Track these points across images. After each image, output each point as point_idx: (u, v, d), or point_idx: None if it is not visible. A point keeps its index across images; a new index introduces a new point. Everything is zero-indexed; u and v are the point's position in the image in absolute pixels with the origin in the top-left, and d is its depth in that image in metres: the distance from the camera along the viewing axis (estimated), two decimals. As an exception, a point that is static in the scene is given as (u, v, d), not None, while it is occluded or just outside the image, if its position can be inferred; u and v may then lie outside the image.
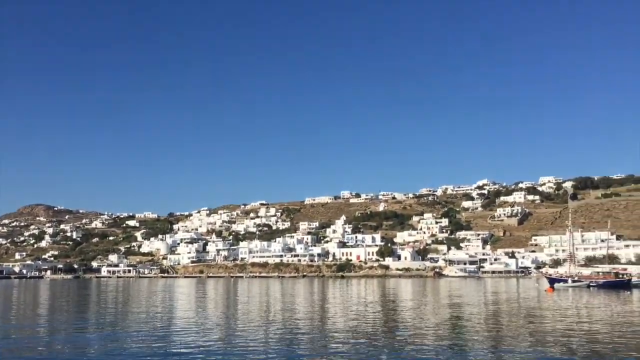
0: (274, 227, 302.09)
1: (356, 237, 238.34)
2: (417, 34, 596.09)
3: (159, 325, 31.83)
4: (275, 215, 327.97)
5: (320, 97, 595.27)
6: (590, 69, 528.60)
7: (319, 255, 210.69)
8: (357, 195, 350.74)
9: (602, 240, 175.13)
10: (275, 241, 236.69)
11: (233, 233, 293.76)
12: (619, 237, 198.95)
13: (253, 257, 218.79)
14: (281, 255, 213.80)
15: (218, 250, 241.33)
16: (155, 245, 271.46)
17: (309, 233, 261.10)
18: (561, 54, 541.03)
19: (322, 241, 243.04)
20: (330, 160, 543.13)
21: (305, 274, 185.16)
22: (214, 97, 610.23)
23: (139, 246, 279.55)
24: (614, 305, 48.34)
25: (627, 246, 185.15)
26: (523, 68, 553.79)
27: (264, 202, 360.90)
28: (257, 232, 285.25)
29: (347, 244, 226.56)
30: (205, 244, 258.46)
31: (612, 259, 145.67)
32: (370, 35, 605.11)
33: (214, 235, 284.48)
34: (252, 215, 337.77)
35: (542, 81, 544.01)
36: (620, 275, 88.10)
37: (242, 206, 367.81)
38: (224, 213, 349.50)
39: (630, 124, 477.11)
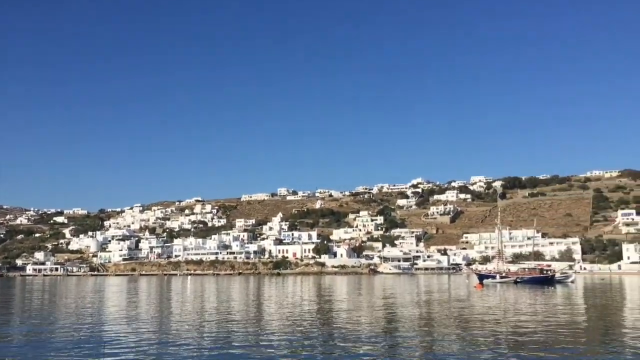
0: (210, 224, 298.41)
1: (293, 234, 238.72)
2: (326, 34, 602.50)
3: (88, 325, 30.73)
4: (211, 212, 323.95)
5: (254, 93, 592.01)
6: (519, 70, 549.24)
7: (255, 252, 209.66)
8: (294, 193, 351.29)
9: (529, 238, 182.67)
10: (210, 238, 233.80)
11: (167, 230, 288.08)
12: (544, 235, 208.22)
13: (188, 254, 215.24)
14: (217, 253, 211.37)
15: (151, 248, 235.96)
16: (85, 242, 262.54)
17: (245, 230, 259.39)
18: (504, 54, 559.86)
19: (259, 238, 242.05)
20: (268, 157, 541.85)
21: (241, 271, 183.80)
22: (144, 91, 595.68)
23: (68, 243, 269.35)
24: (538, 300, 50.42)
25: (551, 243, 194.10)
26: (457, 68, 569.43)
27: (199, 198, 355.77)
28: (192, 229, 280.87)
29: (284, 242, 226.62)
30: (138, 241, 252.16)
31: (538, 255, 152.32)
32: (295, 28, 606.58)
33: (147, 233, 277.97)
34: (187, 212, 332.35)
35: (473, 82, 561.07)
36: (545, 272, 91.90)
37: (177, 203, 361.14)
38: (158, 210, 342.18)
39: (555, 126, 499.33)
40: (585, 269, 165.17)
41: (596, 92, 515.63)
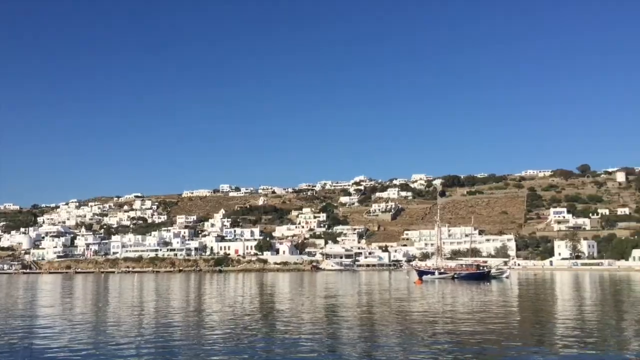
0: (150, 221, 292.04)
1: (235, 231, 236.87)
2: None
3: (18, 324, 29.46)
4: (151, 209, 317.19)
5: (196, 87, 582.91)
6: (457, 71, 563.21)
7: (196, 249, 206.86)
8: (237, 189, 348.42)
9: (467, 235, 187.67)
10: (150, 235, 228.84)
11: (105, 226, 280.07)
12: (481, 232, 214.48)
13: (126, 251, 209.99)
14: (157, 250, 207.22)
15: (88, 245, 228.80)
16: (17, 239, 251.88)
17: (186, 227, 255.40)
18: (445, 53, 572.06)
19: (200, 235, 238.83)
20: (210, 153, 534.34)
21: (181, 268, 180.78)
22: (81, 80, 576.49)
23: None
24: (474, 295, 51.88)
25: (487, 240, 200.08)
26: (399, 68, 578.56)
27: (139, 194, 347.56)
28: (132, 226, 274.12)
29: (226, 238, 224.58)
30: (74, 238, 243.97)
31: (475, 252, 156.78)
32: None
33: (83, 229, 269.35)
34: (126, 208, 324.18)
35: (412, 82, 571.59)
36: (481, 268, 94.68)
37: (116, 199, 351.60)
38: (95, 205, 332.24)
39: (492, 126, 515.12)
40: (519, 264, 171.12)
41: (530, 94, 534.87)
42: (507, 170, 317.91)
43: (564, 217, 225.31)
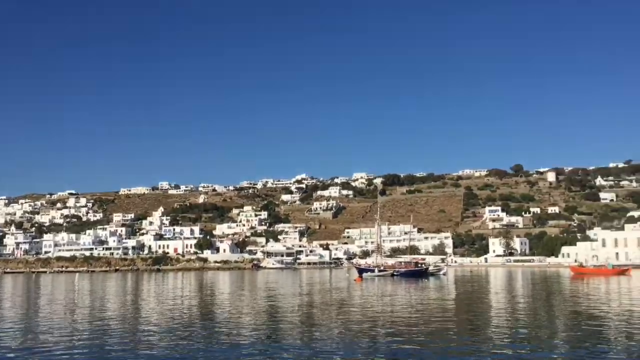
0: (85, 219, 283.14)
1: (174, 229, 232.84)
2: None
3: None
4: (86, 206, 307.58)
5: (139, 80, 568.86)
6: (397, 71, 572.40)
7: (134, 248, 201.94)
8: (176, 187, 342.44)
9: (406, 233, 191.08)
10: (85, 234, 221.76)
11: (36, 225, 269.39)
12: (419, 230, 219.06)
13: (59, 250, 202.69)
14: (92, 249, 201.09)
15: (17, 244, 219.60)
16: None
17: (123, 225, 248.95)
18: (380, 54, 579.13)
19: (138, 234, 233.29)
20: (148, 149, 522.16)
21: (118, 267, 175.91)
22: (16, 71, 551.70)
23: None
24: (412, 292, 52.86)
25: (426, 238, 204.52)
26: (340, 67, 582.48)
27: (73, 191, 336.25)
28: (65, 224, 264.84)
29: (165, 237, 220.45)
30: (3, 237, 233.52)
31: (414, 250, 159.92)
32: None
33: (13, 227, 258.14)
34: (59, 205, 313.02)
35: (355, 80, 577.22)
36: (420, 265, 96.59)
37: (48, 196, 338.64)
38: (26, 203, 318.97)
39: (431, 125, 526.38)
40: (456, 262, 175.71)
41: (466, 96, 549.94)
42: (445, 170, 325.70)
43: (498, 215, 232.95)
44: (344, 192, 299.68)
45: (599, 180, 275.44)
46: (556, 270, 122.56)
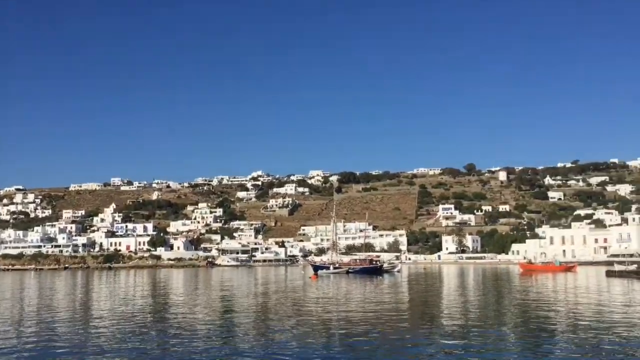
0: (33, 215, 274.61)
1: (127, 226, 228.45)
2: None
3: None
4: (34, 202, 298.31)
5: (87, 79, 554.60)
6: (358, 69, 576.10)
7: (84, 245, 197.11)
8: (129, 183, 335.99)
9: (361, 230, 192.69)
10: (33, 230, 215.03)
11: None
12: (375, 228, 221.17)
13: (5, 248, 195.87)
14: (40, 246, 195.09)
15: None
16: None
17: (73, 222, 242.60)
18: (334, 50, 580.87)
19: (89, 231, 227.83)
20: (100, 145, 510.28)
21: (67, 265, 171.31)
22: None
23: None
24: (366, 288, 53.32)
25: (381, 235, 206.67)
26: (299, 63, 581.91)
27: (20, 187, 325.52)
28: (12, 221, 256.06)
29: (117, 234, 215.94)
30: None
31: (369, 247, 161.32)
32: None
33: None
34: (5, 201, 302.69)
35: (312, 76, 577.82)
36: (374, 262, 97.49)
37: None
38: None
39: (386, 124, 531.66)
40: (410, 259, 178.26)
41: (422, 97, 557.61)
42: (400, 168, 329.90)
43: (451, 213, 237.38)
44: (300, 189, 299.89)
45: (548, 180, 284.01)
46: (506, 267, 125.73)
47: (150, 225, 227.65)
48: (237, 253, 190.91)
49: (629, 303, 36.92)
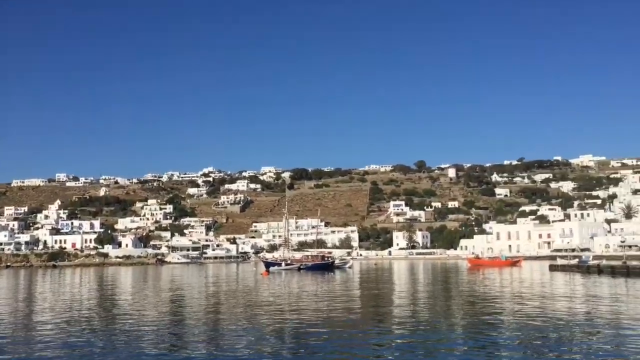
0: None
1: (72, 223, 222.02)
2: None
3: None
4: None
5: (30, 71, 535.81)
6: (306, 68, 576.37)
7: (27, 243, 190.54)
8: (75, 179, 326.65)
9: (313, 227, 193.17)
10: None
11: None
12: (327, 224, 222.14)
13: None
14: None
15: None
16: None
17: (16, 219, 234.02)
18: (288, 50, 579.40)
19: (32, 228, 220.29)
20: (45, 139, 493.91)
21: (9, 264, 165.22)
22: None
23: None
24: (318, 285, 53.50)
25: (333, 232, 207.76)
26: (250, 59, 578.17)
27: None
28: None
29: (62, 231, 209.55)
30: None
31: (321, 243, 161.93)
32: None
33: None
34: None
35: (262, 73, 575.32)
36: (326, 258, 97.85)
37: None
38: None
39: (338, 122, 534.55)
40: (361, 255, 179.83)
41: (373, 95, 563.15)
42: (352, 165, 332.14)
43: (402, 209, 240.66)
44: (252, 185, 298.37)
45: (495, 177, 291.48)
46: (455, 262, 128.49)
47: (97, 223, 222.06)
48: (188, 250, 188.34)
49: (570, 295, 38.31)
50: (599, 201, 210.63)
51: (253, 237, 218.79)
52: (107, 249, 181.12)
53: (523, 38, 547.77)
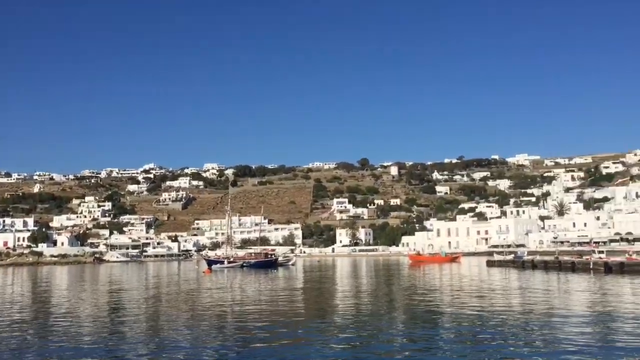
0: None
1: (4, 221, 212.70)
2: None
3: None
4: None
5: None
6: (251, 64, 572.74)
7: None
8: (7, 175, 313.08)
9: (257, 224, 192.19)
10: None
11: None
12: (270, 221, 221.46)
13: None
14: None
15: None
16: None
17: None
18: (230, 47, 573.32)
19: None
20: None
21: None
22: None
23: None
24: (261, 282, 53.27)
25: (276, 229, 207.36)
26: (202, 52, 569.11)
27: None
28: None
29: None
30: None
31: (264, 241, 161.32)
32: None
33: None
34: None
35: (212, 68, 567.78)
36: (269, 256, 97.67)
37: None
38: None
39: (282, 119, 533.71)
40: (304, 252, 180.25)
41: (319, 93, 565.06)
42: (296, 162, 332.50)
43: (345, 207, 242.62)
44: (195, 182, 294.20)
45: (436, 175, 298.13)
46: (397, 259, 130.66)
47: (30, 220, 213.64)
48: (127, 248, 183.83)
49: (505, 289, 39.61)
50: (533, 199, 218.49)
51: (195, 235, 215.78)
52: (42, 247, 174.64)
53: (457, 37, 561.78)
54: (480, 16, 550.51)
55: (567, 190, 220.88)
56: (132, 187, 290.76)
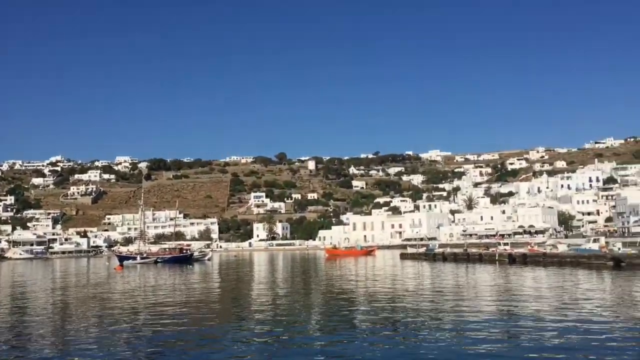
0: None
1: None
2: None
3: None
4: None
5: None
6: (170, 59, 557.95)
7: None
8: None
9: (171, 219, 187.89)
10: None
11: None
12: (186, 216, 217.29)
13: None
14: None
15: None
16: None
17: None
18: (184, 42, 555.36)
19: None
20: None
21: None
22: None
23: None
24: (175, 278, 52.14)
25: (192, 224, 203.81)
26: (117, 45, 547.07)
27: None
28: None
29: None
30: None
31: (179, 236, 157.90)
32: None
33: None
34: None
35: (124, 63, 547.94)
36: (184, 251, 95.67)
37: None
38: None
39: (199, 113, 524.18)
40: (221, 247, 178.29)
41: (229, 85, 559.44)
42: (212, 156, 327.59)
43: (262, 201, 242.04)
44: (106, 176, 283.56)
45: (352, 170, 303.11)
46: (314, 253, 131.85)
47: None
48: (32, 245, 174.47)
49: (416, 279, 40.94)
50: (445, 193, 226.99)
51: (106, 230, 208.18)
52: None
53: (383, 39, 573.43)
54: (394, 16, 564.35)
55: (476, 185, 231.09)
56: (37, 181, 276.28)
